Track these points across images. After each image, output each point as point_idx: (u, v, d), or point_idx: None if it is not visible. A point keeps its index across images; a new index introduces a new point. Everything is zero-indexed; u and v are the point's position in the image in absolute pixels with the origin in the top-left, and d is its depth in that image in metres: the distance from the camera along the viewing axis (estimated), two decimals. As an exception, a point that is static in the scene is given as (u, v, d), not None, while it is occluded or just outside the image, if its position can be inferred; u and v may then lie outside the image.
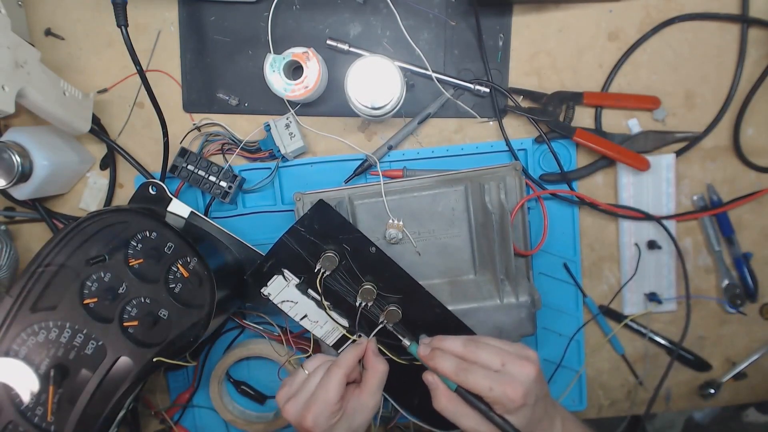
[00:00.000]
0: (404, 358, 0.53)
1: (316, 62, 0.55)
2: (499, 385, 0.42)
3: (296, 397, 0.47)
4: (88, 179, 0.64)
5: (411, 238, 0.58)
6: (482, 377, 0.43)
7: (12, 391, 0.50)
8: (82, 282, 0.51)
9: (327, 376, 0.47)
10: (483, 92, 0.60)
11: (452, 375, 0.44)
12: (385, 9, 0.59)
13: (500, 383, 0.42)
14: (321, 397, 0.46)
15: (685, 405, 0.68)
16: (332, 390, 0.46)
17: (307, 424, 0.45)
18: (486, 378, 0.43)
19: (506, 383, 0.42)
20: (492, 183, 0.56)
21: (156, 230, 0.52)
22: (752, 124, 0.62)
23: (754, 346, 0.66)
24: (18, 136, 0.56)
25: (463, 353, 0.46)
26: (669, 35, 0.60)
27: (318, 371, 0.49)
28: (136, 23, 0.56)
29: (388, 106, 0.54)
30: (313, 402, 0.46)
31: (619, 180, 0.62)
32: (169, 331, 0.51)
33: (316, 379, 0.48)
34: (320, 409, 0.46)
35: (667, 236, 0.62)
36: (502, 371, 0.44)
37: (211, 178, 0.60)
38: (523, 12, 0.61)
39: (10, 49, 0.48)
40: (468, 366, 0.44)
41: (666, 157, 0.61)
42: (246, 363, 0.66)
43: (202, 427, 0.67)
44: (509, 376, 0.43)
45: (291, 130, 0.59)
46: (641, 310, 0.64)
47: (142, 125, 0.63)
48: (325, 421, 0.46)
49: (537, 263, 0.63)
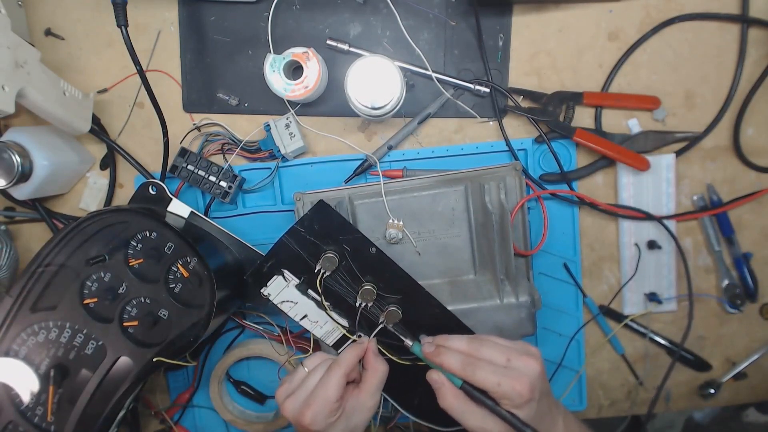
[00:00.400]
0: (404, 359, 0.53)
1: (316, 62, 0.55)
2: (507, 379, 0.43)
3: (295, 394, 0.47)
4: (88, 179, 0.64)
5: (411, 238, 0.58)
6: (490, 372, 0.43)
7: (12, 391, 0.50)
8: (82, 282, 0.51)
9: (327, 375, 0.47)
10: (483, 92, 0.60)
11: (459, 370, 0.45)
12: (385, 9, 0.59)
13: (508, 377, 0.43)
14: (320, 395, 0.46)
15: (685, 405, 0.68)
16: (332, 389, 0.46)
17: (306, 422, 0.45)
18: (493, 373, 0.43)
19: (513, 378, 0.43)
20: (492, 183, 0.56)
21: (156, 230, 0.52)
22: (752, 124, 0.62)
23: (754, 346, 0.66)
24: (18, 136, 0.56)
25: (468, 350, 0.46)
26: (669, 35, 0.60)
27: (318, 369, 0.49)
28: (136, 23, 0.56)
29: (388, 106, 0.54)
30: (312, 400, 0.46)
31: (619, 180, 0.62)
32: (169, 331, 0.51)
33: (316, 378, 0.48)
34: (319, 407, 0.46)
35: (667, 236, 0.62)
36: (508, 367, 0.44)
37: (211, 178, 0.60)
38: (523, 12, 0.61)
39: (10, 49, 0.48)
40: (474, 361, 0.44)
41: (666, 157, 0.61)
42: (246, 363, 0.66)
43: (202, 427, 0.67)
44: (516, 371, 0.43)
45: (291, 130, 0.59)
46: (641, 310, 0.64)
47: (142, 125, 0.63)
48: (323, 420, 0.46)
49: (537, 263, 0.63)
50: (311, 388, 0.47)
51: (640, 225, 0.63)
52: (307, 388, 0.47)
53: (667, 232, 0.62)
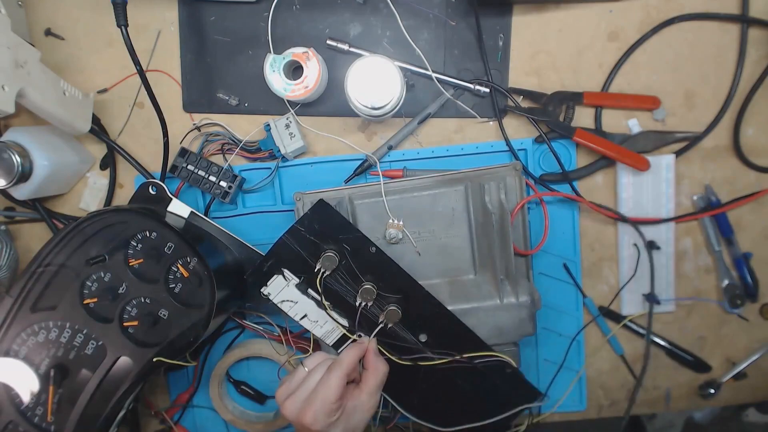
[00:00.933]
0: (404, 358, 0.53)
1: (316, 62, 0.55)
2: None
3: (296, 394, 0.47)
4: (88, 179, 0.64)
5: (411, 238, 0.58)
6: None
7: (12, 391, 0.50)
8: (82, 282, 0.51)
9: (328, 375, 0.47)
10: (483, 92, 0.60)
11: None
12: (385, 9, 0.59)
13: None
14: (321, 395, 0.46)
15: (685, 405, 0.68)
16: (333, 389, 0.46)
17: (306, 422, 0.46)
18: None
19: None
20: (492, 183, 0.56)
21: (156, 230, 0.52)
22: (752, 124, 0.62)
23: (754, 346, 0.66)
24: (18, 136, 0.56)
25: None
26: (669, 35, 0.60)
27: (318, 369, 0.49)
28: (136, 23, 0.55)
29: (388, 106, 0.54)
30: (313, 400, 0.46)
31: (619, 180, 0.62)
32: (169, 331, 0.51)
33: (317, 377, 0.48)
34: (320, 406, 0.46)
35: (665, 236, 0.62)
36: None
37: (211, 178, 0.60)
38: (523, 12, 0.61)
39: (10, 49, 0.48)
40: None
41: (666, 157, 0.61)
42: (246, 363, 0.66)
43: (202, 427, 0.67)
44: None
45: (291, 130, 0.59)
46: (640, 310, 0.64)
47: (142, 125, 0.63)
48: (324, 419, 0.46)
49: (537, 263, 0.63)
50: (312, 388, 0.47)
51: (640, 225, 0.63)
52: (308, 388, 0.47)
53: (665, 231, 0.62)
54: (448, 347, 0.54)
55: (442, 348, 0.54)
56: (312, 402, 0.46)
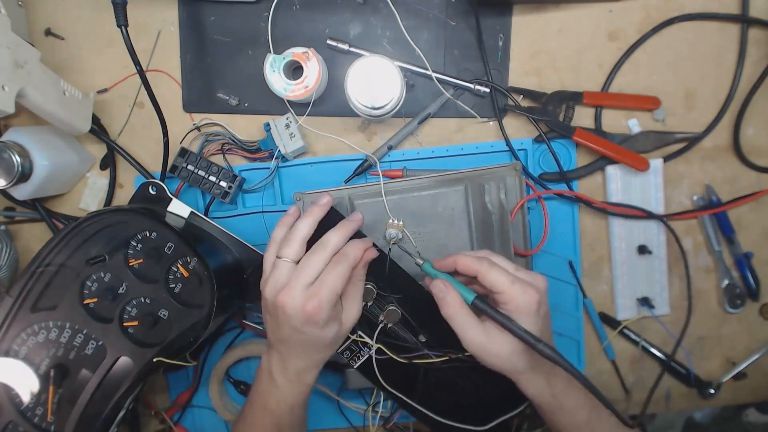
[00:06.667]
0: (404, 357, 0.53)
1: (316, 62, 0.55)
2: (518, 283, 0.44)
3: (291, 286, 0.45)
4: (88, 179, 0.64)
5: (411, 238, 0.58)
6: (503, 274, 0.44)
7: (12, 391, 0.50)
8: (82, 282, 0.51)
9: (335, 265, 0.46)
10: (483, 92, 0.60)
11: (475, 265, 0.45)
12: (385, 9, 0.59)
13: (519, 282, 0.44)
14: (329, 284, 0.45)
15: (685, 405, 0.68)
16: (340, 277, 0.45)
17: (310, 310, 0.44)
18: (507, 275, 0.44)
19: (525, 284, 0.44)
20: (492, 183, 0.56)
21: (156, 230, 0.52)
22: (752, 124, 0.62)
23: (754, 346, 0.66)
24: (18, 136, 0.56)
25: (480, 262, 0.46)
26: (669, 35, 0.60)
27: (312, 260, 0.47)
28: (136, 23, 0.56)
29: (388, 106, 0.54)
30: (319, 288, 0.45)
31: (608, 186, 0.62)
32: (169, 331, 0.51)
33: (314, 267, 0.46)
34: (326, 295, 0.45)
35: (657, 240, 0.62)
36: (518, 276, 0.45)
37: (211, 178, 0.60)
38: (523, 12, 0.61)
39: (10, 49, 0.48)
40: (489, 263, 0.45)
41: (653, 161, 0.60)
42: (246, 363, 0.66)
43: (202, 427, 0.67)
44: (525, 282, 0.44)
45: (291, 130, 0.59)
46: (634, 314, 0.64)
47: (142, 125, 0.63)
48: (328, 310, 0.45)
49: (537, 263, 0.63)
50: (308, 281, 0.45)
51: (631, 229, 0.63)
52: (305, 281, 0.45)
53: (657, 235, 0.62)
54: (449, 347, 0.54)
55: (443, 348, 0.54)
56: (318, 291, 0.45)
